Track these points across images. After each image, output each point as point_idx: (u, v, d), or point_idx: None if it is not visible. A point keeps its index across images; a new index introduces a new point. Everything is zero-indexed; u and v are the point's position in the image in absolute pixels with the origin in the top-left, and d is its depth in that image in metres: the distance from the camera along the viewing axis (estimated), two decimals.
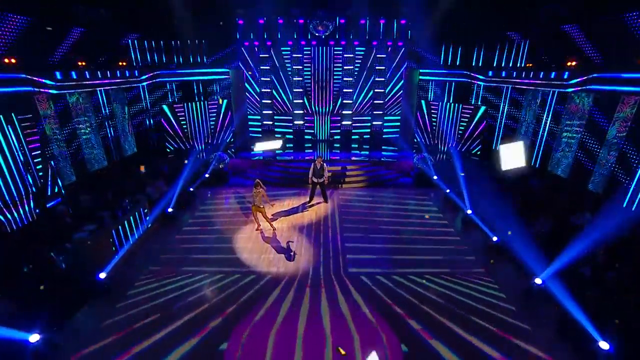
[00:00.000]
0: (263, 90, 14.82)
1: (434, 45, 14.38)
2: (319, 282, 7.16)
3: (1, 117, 7.44)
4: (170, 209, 9.86)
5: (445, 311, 6.31)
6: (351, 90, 14.86)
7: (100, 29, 11.31)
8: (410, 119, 15.34)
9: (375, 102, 15.12)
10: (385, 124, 15.51)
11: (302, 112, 15.10)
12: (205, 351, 5.43)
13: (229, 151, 15.18)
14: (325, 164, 10.86)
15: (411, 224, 9.88)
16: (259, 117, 15.30)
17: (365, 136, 15.40)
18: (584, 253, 6.85)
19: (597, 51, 9.65)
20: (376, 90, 14.95)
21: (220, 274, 7.37)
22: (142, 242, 8.58)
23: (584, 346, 5.34)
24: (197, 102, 14.61)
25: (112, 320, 6.04)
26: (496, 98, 13.95)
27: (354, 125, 15.37)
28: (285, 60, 14.50)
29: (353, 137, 15.44)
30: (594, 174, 9.62)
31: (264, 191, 8.91)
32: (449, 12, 12.44)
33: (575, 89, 9.99)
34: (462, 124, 14.49)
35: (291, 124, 15.29)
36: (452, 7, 12.24)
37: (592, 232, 7.11)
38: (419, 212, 10.78)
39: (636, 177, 8.06)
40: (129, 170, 11.88)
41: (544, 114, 11.58)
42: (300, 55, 14.33)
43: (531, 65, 12.46)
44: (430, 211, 10.79)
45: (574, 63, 10.38)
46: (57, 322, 5.81)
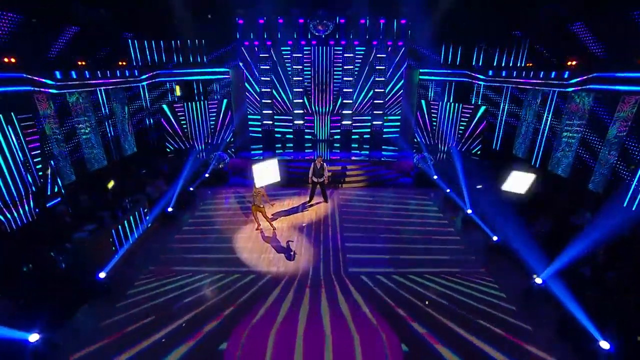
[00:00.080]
0: (263, 90, 14.81)
1: (434, 45, 14.36)
2: (319, 281, 7.16)
3: (1, 116, 7.42)
4: (170, 209, 9.86)
5: (446, 311, 6.30)
6: (351, 90, 14.85)
7: (100, 28, 11.30)
8: (411, 119, 15.33)
9: (375, 101, 15.11)
10: (385, 123, 15.49)
11: (302, 111, 15.07)
12: (205, 351, 5.43)
13: (229, 151, 15.17)
14: (325, 164, 10.86)
15: (411, 223, 9.88)
16: (259, 116, 15.29)
17: (365, 136, 15.39)
18: (584, 253, 6.84)
19: (597, 49, 9.62)
20: (376, 90, 14.94)
21: (220, 274, 7.36)
22: (142, 241, 8.58)
23: (584, 346, 5.34)
24: (197, 102, 14.60)
25: (112, 320, 6.03)
26: (497, 96, 13.95)
27: (354, 125, 15.36)
28: (285, 60, 14.49)
29: (353, 136, 15.43)
30: (594, 174, 9.61)
31: (264, 191, 8.91)
32: (449, 11, 12.43)
33: (575, 88, 9.99)
34: (462, 123, 14.49)
35: (291, 124, 15.28)
36: (452, 7, 12.23)
37: (592, 232, 7.09)
38: (419, 212, 10.79)
39: (636, 177, 8.05)
40: (129, 170, 11.88)
41: (545, 113, 11.56)
42: (300, 55, 14.30)
43: (531, 64, 12.46)
44: (430, 211, 10.80)
45: (574, 62, 10.38)
46: (57, 321, 5.79)
